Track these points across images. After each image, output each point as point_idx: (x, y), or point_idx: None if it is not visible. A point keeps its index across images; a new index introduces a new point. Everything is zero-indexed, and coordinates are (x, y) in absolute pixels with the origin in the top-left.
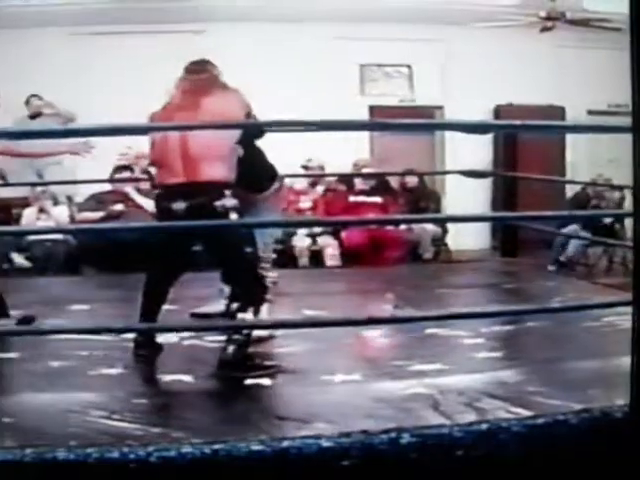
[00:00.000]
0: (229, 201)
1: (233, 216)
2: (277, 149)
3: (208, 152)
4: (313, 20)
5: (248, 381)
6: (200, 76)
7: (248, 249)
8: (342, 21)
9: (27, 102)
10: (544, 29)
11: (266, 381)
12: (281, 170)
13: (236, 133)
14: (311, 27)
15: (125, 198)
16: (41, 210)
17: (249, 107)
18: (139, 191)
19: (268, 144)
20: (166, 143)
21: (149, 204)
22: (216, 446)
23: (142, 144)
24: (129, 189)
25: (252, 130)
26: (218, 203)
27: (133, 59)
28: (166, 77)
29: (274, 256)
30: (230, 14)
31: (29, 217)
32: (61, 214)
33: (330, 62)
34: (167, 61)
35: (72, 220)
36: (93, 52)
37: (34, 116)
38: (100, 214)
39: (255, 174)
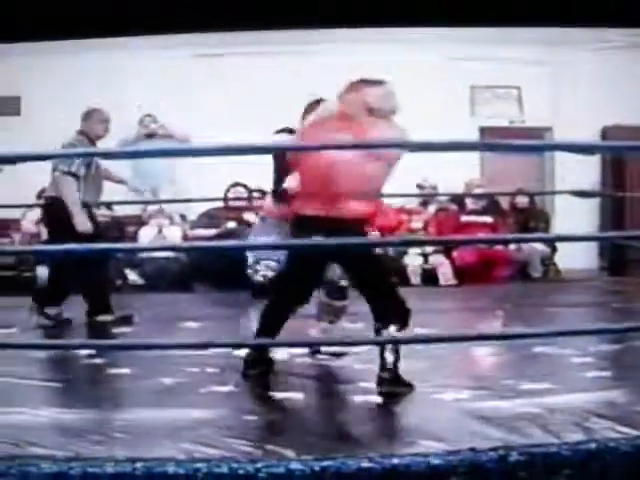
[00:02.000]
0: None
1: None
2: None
3: (359, 186)
4: (427, 41)
5: (357, 398)
6: (357, 97)
7: (386, 269)
8: (455, 42)
9: (141, 122)
10: None
11: (375, 398)
12: (396, 189)
13: (392, 167)
14: (425, 48)
15: (240, 217)
16: (157, 229)
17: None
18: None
19: None
20: (312, 170)
21: None
22: (325, 463)
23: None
24: (247, 214)
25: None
26: None
27: (245, 79)
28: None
29: None
30: (344, 36)
31: (147, 236)
32: (174, 233)
33: (443, 83)
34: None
35: (185, 238)
36: (214, 73)
37: (150, 135)
38: (213, 231)
39: None
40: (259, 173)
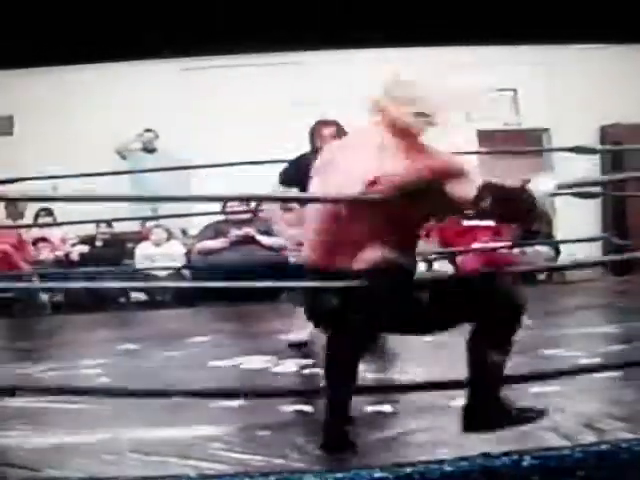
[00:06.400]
0: None
1: None
2: None
3: None
4: (418, 44)
5: (367, 408)
6: None
7: None
8: (446, 46)
9: (140, 135)
10: None
11: (386, 407)
12: None
13: None
14: (416, 51)
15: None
16: (157, 244)
17: None
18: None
19: None
20: None
21: (277, 242)
22: (338, 474)
23: None
24: (253, 232)
25: None
26: None
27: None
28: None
29: None
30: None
31: (143, 251)
32: (173, 247)
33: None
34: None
35: (188, 252)
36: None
37: (150, 150)
38: (221, 240)
39: None
40: (255, 185)
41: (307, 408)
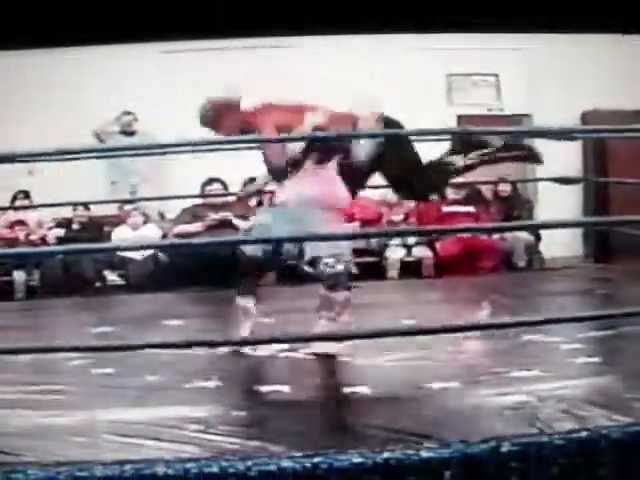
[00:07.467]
0: None
1: None
2: None
3: None
4: (399, 31)
5: (345, 391)
6: None
7: None
8: (430, 30)
9: (118, 119)
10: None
11: (365, 390)
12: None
13: None
14: (397, 38)
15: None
16: (134, 228)
17: None
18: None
19: None
20: None
21: (247, 224)
22: (316, 459)
23: None
24: (230, 216)
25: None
26: None
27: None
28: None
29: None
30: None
31: (120, 235)
32: (150, 231)
33: (419, 71)
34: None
35: (165, 236)
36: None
37: (129, 133)
38: (198, 224)
39: None
40: (234, 167)
41: (284, 389)
